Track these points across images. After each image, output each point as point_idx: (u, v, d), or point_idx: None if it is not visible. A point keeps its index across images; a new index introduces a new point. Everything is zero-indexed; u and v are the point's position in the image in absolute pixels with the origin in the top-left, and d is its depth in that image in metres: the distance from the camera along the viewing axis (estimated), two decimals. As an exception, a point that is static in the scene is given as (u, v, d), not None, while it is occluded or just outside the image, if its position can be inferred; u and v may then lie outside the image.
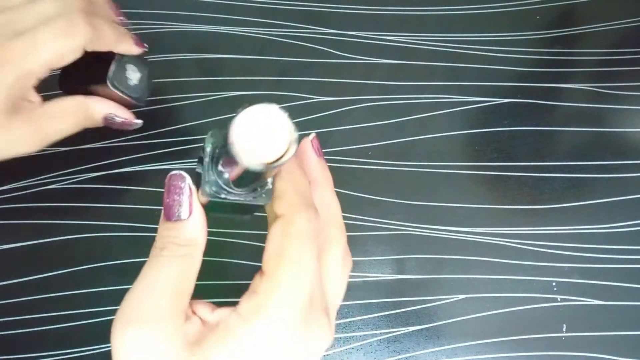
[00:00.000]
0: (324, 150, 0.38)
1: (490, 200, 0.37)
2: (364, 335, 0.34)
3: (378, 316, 0.35)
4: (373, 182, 0.37)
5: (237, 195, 0.21)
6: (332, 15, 0.42)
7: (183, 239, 0.21)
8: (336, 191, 0.25)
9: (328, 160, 0.38)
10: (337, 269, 0.23)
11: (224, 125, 0.19)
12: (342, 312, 0.35)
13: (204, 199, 0.22)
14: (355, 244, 0.36)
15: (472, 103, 0.40)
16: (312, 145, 0.25)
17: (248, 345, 0.20)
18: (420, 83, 0.40)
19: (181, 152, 0.38)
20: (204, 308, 0.22)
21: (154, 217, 0.36)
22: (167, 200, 0.21)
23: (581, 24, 0.42)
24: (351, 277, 0.36)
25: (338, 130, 0.39)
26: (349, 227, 0.36)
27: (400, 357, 0.34)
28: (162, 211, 0.21)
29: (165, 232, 0.21)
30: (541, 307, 0.35)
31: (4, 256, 0.35)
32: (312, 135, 0.25)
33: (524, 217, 0.37)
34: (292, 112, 0.23)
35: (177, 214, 0.21)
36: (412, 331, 0.35)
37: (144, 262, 0.21)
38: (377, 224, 0.37)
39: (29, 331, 0.34)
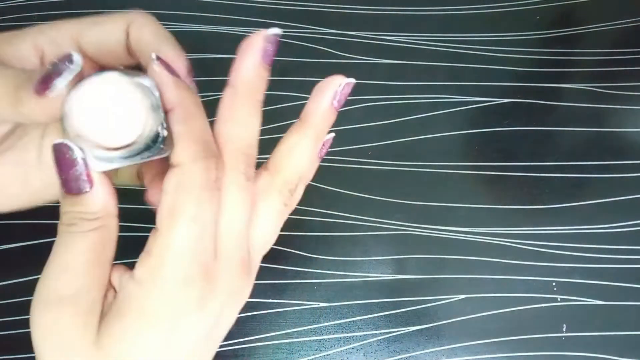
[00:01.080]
0: (324, 150, 0.38)
1: (490, 200, 0.37)
2: (364, 335, 0.34)
3: (378, 316, 0.35)
4: (373, 182, 0.37)
5: (126, 160, 0.18)
6: (332, 15, 0.42)
7: (91, 213, 0.19)
8: (336, 191, 0.24)
9: (328, 161, 0.38)
10: (269, 219, 0.22)
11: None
12: (342, 312, 0.35)
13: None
14: (355, 244, 0.36)
15: (472, 103, 0.40)
16: (336, 91, 0.22)
17: (147, 312, 0.18)
18: (420, 83, 0.40)
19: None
20: (114, 273, 0.20)
21: (154, 217, 0.36)
22: (61, 174, 0.18)
23: (581, 24, 0.42)
24: (351, 277, 0.36)
25: (338, 130, 0.39)
26: (349, 227, 0.37)
27: (400, 357, 0.34)
28: (60, 185, 0.19)
29: (69, 207, 0.19)
30: (541, 307, 0.35)
31: (4, 256, 0.35)
32: (350, 80, 0.23)
33: (524, 217, 0.37)
34: (293, 113, 0.23)
35: (77, 187, 0.19)
36: (412, 331, 0.35)
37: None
38: (377, 224, 0.37)
39: (29, 331, 0.34)
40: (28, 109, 0.19)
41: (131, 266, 0.20)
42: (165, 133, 0.18)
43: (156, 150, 0.19)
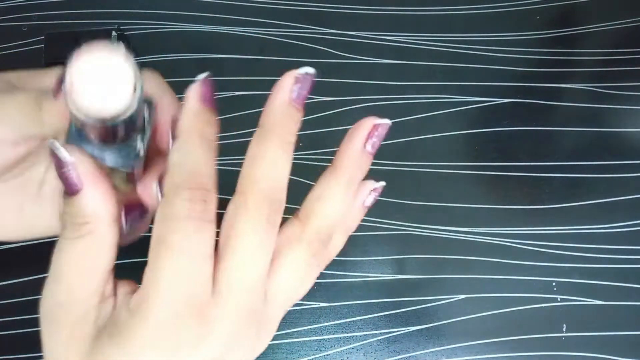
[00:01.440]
0: (324, 150, 0.38)
1: (490, 200, 0.37)
2: (364, 335, 0.34)
3: (378, 316, 0.35)
4: (373, 182, 0.37)
5: (99, 151, 0.19)
6: (332, 15, 0.42)
7: (81, 216, 0.18)
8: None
9: (328, 160, 0.38)
10: (294, 272, 0.20)
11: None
12: (342, 312, 0.35)
13: None
14: (355, 244, 0.36)
15: (472, 103, 0.40)
16: (367, 134, 0.21)
17: (138, 341, 0.18)
18: (420, 83, 0.40)
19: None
20: (121, 287, 0.20)
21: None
22: (57, 173, 0.18)
23: (581, 24, 0.42)
24: (351, 277, 0.36)
25: (338, 130, 0.39)
26: (349, 227, 0.37)
27: (400, 357, 0.34)
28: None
29: (65, 207, 0.19)
30: (541, 307, 0.35)
31: (4, 256, 0.35)
32: (371, 123, 0.22)
33: (524, 217, 0.37)
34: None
35: (69, 187, 0.18)
36: (412, 331, 0.35)
37: (144, 261, 0.21)
38: (377, 224, 0.37)
39: (29, 331, 0.34)
40: (48, 115, 0.20)
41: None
42: (141, 153, 0.19)
43: (127, 162, 0.19)
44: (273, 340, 0.34)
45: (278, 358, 0.34)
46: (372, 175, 0.38)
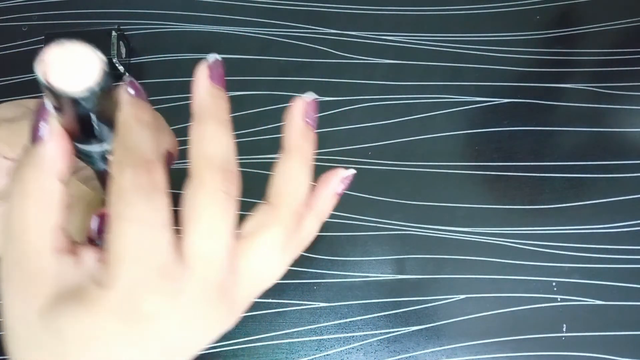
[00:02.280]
0: (323, 150, 0.39)
1: (490, 200, 0.37)
2: (364, 335, 0.34)
3: (378, 316, 0.35)
4: (373, 182, 0.37)
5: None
6: (332, 15, 0.42)
7: (31, 165, 0.19)
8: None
9: (328, 160, 0.38)
10: (267, 253, 0.21)
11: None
12: (342, 312, 0.35)
13: None
14: (355, 244, 0.36)
15: (472, 103, 0.40)
16: (303, 110, 0.22)
17: (103, 309, 0.18)
18: (420, 83, 0.40)
19: (181, 152, 0.38)
20: (89, 253, 0.20)
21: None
22: (33, 124, 0.19)
23: (581, 24, 0.42)
24: (351, 277, 0.36)
25: (338, 130, 0.39)
26: (349, 227, 0.37)
27: (400, 357, 0.34)
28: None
29: (21, 156, 0.20)
30: (541, 307, 0.35)
31: (4, 256, 0.35)
32: (311, 96, 0.23)
33: (524, 217, 0.37)
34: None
35: (36, 135, 0.19)
36: (412, 331, 0.35)
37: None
38: (377, 224, 0.37)
39: (29, 331, 0.34)
40: None
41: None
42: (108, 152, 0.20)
43: (96, 160, 0.21)
44: (273, 340, 0.34)
45: (278, 358, 0.34)
46: (372, 174, 0.38)
